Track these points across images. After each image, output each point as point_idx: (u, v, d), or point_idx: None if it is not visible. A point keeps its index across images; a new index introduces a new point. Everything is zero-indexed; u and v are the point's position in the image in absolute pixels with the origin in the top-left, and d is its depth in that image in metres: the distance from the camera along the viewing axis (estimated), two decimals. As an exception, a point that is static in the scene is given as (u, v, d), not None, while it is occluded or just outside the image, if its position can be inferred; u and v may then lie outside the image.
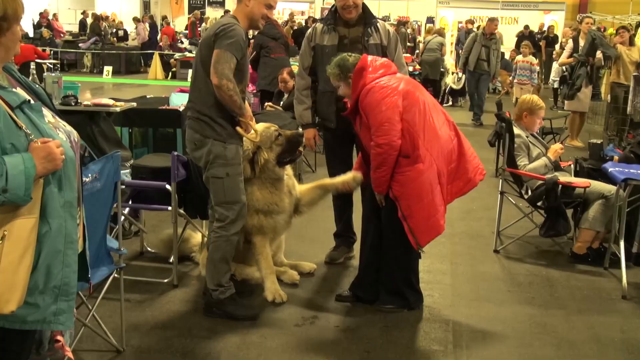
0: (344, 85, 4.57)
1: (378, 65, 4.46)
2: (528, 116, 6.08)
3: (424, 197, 4.35)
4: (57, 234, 2.53)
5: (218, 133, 4.29)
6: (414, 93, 4.39)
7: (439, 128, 4.43)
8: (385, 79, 4.39)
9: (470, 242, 6.28)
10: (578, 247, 5.76)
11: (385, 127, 4.27)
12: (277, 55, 10.00)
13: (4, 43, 2.55)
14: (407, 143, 4.30)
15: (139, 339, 4.17)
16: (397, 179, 4.35)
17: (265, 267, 4.79)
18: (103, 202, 3.68)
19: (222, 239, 4.39)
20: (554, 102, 15.14)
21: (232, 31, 4.17)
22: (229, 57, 4.14)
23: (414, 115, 4.32)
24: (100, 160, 3.66)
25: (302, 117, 5.45)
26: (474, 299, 4.97)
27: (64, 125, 2.70)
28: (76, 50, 22.74)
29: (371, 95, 4.33)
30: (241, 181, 4.41)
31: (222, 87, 4.14)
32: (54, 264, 2.53)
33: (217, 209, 4.40)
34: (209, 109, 4.27)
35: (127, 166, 5.67)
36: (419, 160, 4.32)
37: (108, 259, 3.85)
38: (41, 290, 2.52)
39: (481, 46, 12.97)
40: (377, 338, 4.28)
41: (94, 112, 6.51)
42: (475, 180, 4.58)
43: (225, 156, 4.30)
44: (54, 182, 2.52)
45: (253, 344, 4.16)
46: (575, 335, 4.44)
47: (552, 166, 5.90)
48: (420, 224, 4.37)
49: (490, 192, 7.36)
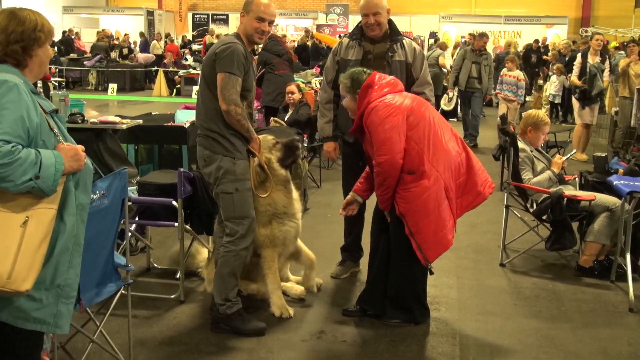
0: (349, 98, 4.59)
1: (384, 84, 4.48)
2: (532, 131, 6.10)
3: (430, 213, 4.36)
4: (70, 233, 2.72)
5: (226, 149, 4.33)
6: (419, 109, 4.41)
7: (446, 143, 4.45)
8: (390, 97, 4.40)
9: (476, 256, 6.28)
10: (584, 260, 5.76)
11: (386, 147, 4.30)
12: (282, 71, 10.05)
13: (40, 56, 2.82)
14: (412, 160, 4.32)
15: (147, 354, 4.18)
16: (403, 195, 4.37)
17: (272, 282, 4.80)
18: (110, 218, 3.70)
19: (231, 254, 4.41)
20: (553, 117, 15.07)
21: (230, 51, 4.24)
22: (234, 80, 4.20)
23: (419, 132, 4.35)
24: (107, 177, 3.68)
25: (323, 130, 5.49)
26: (480, 313, 4.97)
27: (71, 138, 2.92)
28: (81, 68, 22.87)
29: (374, 113, 4.35)
30: (250, 196, 4.44)
31: (230, 112, 4.23)
32: (62, 261, 2.70)
33: (227, 224, 4.43)
34: (216, 125, 4.32)
35: (133, 183, 5.69)
36: (424, 177, 4.33)
37: (115, 275, 3.86)
38: (47, 286, 2.67)
39: (471, 63, 12.25)
40: (384, 352, 4.29)
41: (101, 130, 6.55)
42: (485, 193, 4.58)
43: (234, 172, 4.34)
44: (74, 182, 2.76)
45: (260, 359, 4.16)
46: (582, 349, 4.44)
47: (556, 179, 5.91)
48: (428, 240, 4.38)
49: (495, 205, 7.35)
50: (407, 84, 5.09)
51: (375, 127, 4.34)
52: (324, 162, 9.79)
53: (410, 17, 27.17)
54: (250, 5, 4.39)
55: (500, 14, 26.89)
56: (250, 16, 4.38)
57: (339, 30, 25.11)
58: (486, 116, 15.33)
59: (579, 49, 15.09)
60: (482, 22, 26.13)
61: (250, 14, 4.38)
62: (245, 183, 4.39)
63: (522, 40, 24.19)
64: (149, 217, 5.29)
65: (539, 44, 20.51)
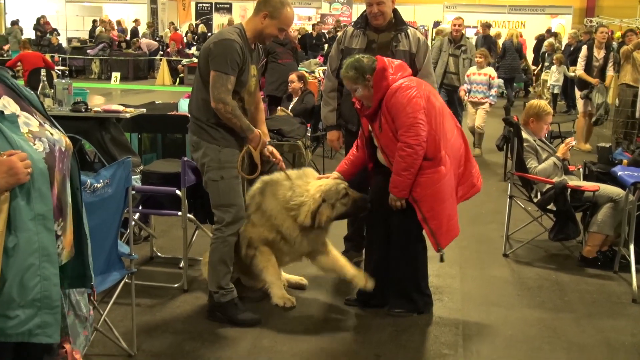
0: (362, 88, 4.48)
1: (396, 67, 4.45)
2: (535, 122, 6.08)
3: (446, 199, 4.39)
4: (27, 248, 2.48)
5: (212, 136, 4.34)
6: (430, 97, 4.41)
7: (452, 133, 4.46)
8: (406, 80, 4.39)
9: (480, 246, 6.28)
10: (587, 250, 5.75)
11: (416, 129, 4.26)
12: (285, 61, 10.04)
13: None
14: (429, 145, 4.31)
15: (150, 343, 4.19)
16: (419, 181, 4.34)
17: (270, 274, 4.70)
18: (114, 207, 3.71)
19: (219, 241, 4.43)
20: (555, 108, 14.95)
21: (224, 48, 4.20)
22: (224, 78, 4.19)
23: (436, 118, 4.35)
24: (111, 166, 3.68)
25: (326, 119, 5.48)
26: (483, 303, 4.98)
27: (50, 134, 2.63)
28: (84, 56, 22.85)
29: (398, 96, 4.30)
30: (238, 184, 4.43)
31: (219, 110, 4.23)
32: (28, 277, 2.50)
33: (215, 212, 4.46)
34: (203, 115, 4.34)
35: (137, 172, 5.69)
36: (441, 163, 4.34)
37: (119, 264, 3.87)
38: (19, 304, 2.49)
39: (448, 56, 10.31)
40: (386, 342, 4.29)
41: (104, 118, 6.53)
42: (478, 185, 4.65)
43: (219, 159, 4.34)
44: (22, 195, 2.46)
45: (264, 348, 4.17)
46: (585, 339, 4.44)
47: (561, 165, 5.88)
48: (442, 226, 4.40)
49: (499, 196, 7.37)
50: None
51: (401, 109, 4.29)
52: (327, 152, 9.78)
53: (414, 7, 27.04)
54: (279, 13, 4.34)
55: (504, 4, 26.76)
56: (274, 22, 4.35)
57: (342, 20, 25.00)
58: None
59: (582, 39, 15.00)
60: (486, 12, 26.03)
61: (274, 20, 4.35)
62: (231, 171, 4.37)
63: (526, 30, 24.10)
64: (153, 206, 5.30)
65: (551, 34, 20.36)
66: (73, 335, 3.12)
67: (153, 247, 5.74)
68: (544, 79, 16.54)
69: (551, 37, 18.95)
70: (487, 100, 10.44)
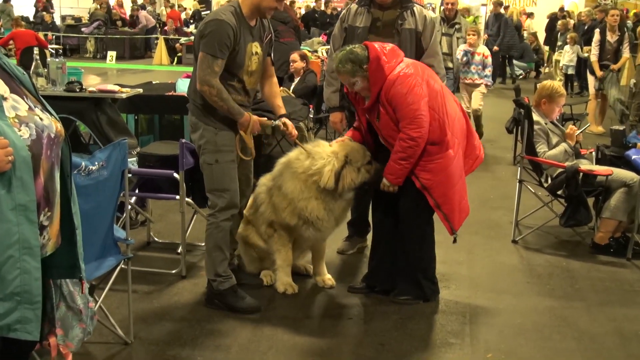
0: (361, 80, 4.39)
1: (389, 53, 4.36)
2: (547, 103, 6.04)
3: (456, 183, 4.42)
4: (6, 239, 2.45)
5: (209, 119, 4.34)
6: (429, 81, 4.38)
7: (455, 110, 4.48)
8: (403, 66, 4.34)
9: (488, 232, 6.28)
10: (599, 237, 5.74)
11: (419, 121, 4.24)
12: (287, 39, 9.97)
13: None
14: (434, 130, 4.30)
15: (147, 330, 4.20)
16: (428, 168, 4.34)
17: (282, 258, 4.76)
18: (110, 190, 3.70)
19: (212, 227, 4.44)
20: (568, 90, 14.88)
21: (214, 30, 4.17)
22: (211, 60, 4.17)
23: (438, 100, 4.33)
24: (107, 147, 3.67)
25: (329, 100, 5.45)
26: (491, 291, 4.97)
27: (39, 119, 2.58)
28: (79, 35, 22.77)
29: (398, 86, 4.26)
30: (233, 169, 4.42)
31: (204, 92, 4.24)
32: (6, 270, 2.47)
33: (209, 196, 4.48)
34: (200, 95, 4.33)
35: (133, 154, 5.69)
36: (448, 147, 4.35)
37: (115, 249, 3.87)
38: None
39: (441, 35, 9.52)
40: (391, 330, 4.30)
41: (100, 99, 6.51)
42: (481, 156, 4.70)
43: (215, 142, 4.34)
44: (2, 184, 2.43)
45: (264, 336, 4.18)
46: (596, 328, 4.43)
47: (572, 152, 5.87)
48: (454, 209, 4.45)
49: (508, 180, 7.35)
50: (417, 54, 5.04)
51: (402, 100, 4.26)
52: (330, 134, 9.74)
53: (420, -17, 26.89)
54: None
55: (515, -20, 26.58)
56: None
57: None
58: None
59: (597, 18, 14.89)
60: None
61: None
62: (226, 155, 4.37)
63: (537, 8, 23.93)
64: (150, 189, 5.29)
65: (563, 12, 20.24)
66: (65, 327, 3.10)
67: (150, 232, 5.73)
68: (556, 59, 16.45)
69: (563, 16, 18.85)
70: (483, 82, 9.89)
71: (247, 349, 4.03)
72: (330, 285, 4.91)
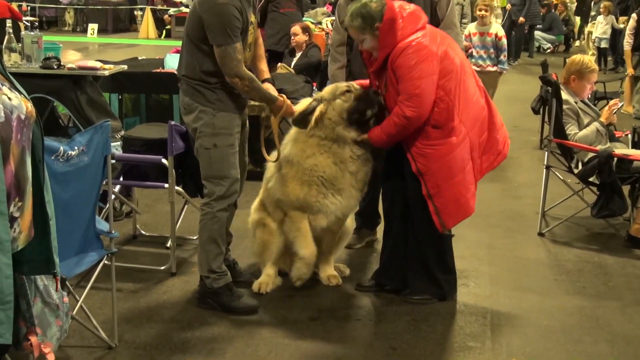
0: (370, 39, 4.39)
1: (407, 17, 4.32)
2: (576, 80, 6.03)
3: (455, 175, 4.36)
4: None
5: (207, 99, 4.34)
6: (450, 54, 4.34)
7: (473, 94, 4.42)
8: (420, 35, 4.30)
9: (511, 223, 6.28)
10: (636, 229, 5.74)
11: (418, 100, 4.23)
12: (287, 10, 9.93)
13: None
14: (440, 112, 4.28)
15: (133, 333, 4.21)
16: (425, 152, 4.34)
17: (304, 247, 4.65)
18: (91, 178, 3.70)
19: (207, 217, 4.44)
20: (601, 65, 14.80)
21: (220, 17, 4.16)
22: (231, 50, 4.19)
23: (451, 81, 4.29)
24: (87, 131, 3.67)
25: (334, 77, 5.43)
26: (515, 289, 4.98)
27: (7, 99, 2.56)
28: (56, 5, 22.76)
29: (406, 56, 4.24)
30: (233, 154, 4.43)
31: (235, 84, 4.28)
32: None
33: (205, 184, 4.47)
34: (195, 72, 4.33)
35: (117, 138, 5.69)
36: (452, 134, 4.32)
37: (97, 242, 3.88)
38: None
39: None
40: (403, 333, 4.30)
41: (79, 77, 6.51)
42: (504, 152, 4.64)
43: (213, 124, 4.34)
44: None
45: (263, 339, 4.19)
46: (632, 330, 4.44)
47: (605, 131, 5.85)
48: (448, 205, 4.39)
49: (534, 166, 7.35)
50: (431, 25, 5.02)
51: (406, 73, 4.25)
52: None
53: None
54: None
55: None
56: None
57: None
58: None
59: None
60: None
61: None
62: (226, 138, 4.37)
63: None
64: (136, 177, 5.31)
65: None
66: (42, 325, 3.11)
67: (136, 224, 5.75)
68: (589, 31, 16.39)
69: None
70: (496, 69, 9.24)
71: (243, 354, 4.04)
72: (336, 283, 4.91)
